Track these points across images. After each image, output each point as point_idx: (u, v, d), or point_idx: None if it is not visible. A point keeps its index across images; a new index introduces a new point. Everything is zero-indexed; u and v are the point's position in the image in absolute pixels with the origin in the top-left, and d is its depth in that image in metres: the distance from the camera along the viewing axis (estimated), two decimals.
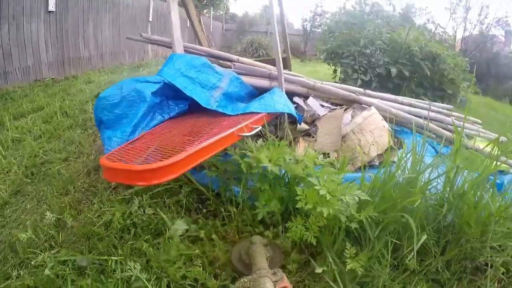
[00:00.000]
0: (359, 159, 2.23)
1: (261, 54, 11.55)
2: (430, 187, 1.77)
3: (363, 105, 2.64)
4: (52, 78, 5.29)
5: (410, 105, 3.12)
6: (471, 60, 7.47)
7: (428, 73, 5.31)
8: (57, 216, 1.79)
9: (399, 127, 3.13)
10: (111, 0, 6.90)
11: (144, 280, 1.34)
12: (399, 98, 3.19)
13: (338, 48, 5.89)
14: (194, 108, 2.21)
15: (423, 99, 4.78)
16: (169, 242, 1.56)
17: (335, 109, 2.62)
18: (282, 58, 3.20)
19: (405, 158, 1.82)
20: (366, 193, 1.68)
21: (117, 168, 1.41)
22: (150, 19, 8.42)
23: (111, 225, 1.70)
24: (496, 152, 2.13)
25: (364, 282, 1.50)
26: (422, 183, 1.72)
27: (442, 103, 5.47)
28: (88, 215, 1.83)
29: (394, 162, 2.17)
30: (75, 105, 3.86)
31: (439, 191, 1.78)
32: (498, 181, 2.64)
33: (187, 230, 1.64)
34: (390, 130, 2.50)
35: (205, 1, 12.68)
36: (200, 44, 3.16)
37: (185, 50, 2.70)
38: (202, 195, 1.91)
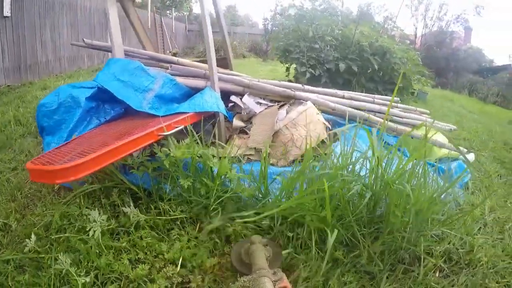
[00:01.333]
0: (292, 153, 2.29)
1: (222, 54, 11.56)
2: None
3: (301, 100, 2.71)
4: (8, 85, 5.21)
5: (351, 98, 3.19)
6: (422, 54, 7.70)
7: (377, 67, 5.43)
8: (3, 221, 1.86)
9: (345, 121, 3.24)
10: (68, 3, 6.81)
11: (73, 273, 1.40)
12: (340, 92, 3.25)
13: (290, 45, 5.94)
14: (131, 111, 2.27)
15: (373, 93, 4.93)
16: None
17: (272, 105, 2.69)
18: (222, 58, 3.27)
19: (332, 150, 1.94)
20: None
21: (38, 170, 1.53)
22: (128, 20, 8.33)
23: (51, 226, 1.76)
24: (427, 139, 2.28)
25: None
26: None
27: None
28: (31, 218, 1.88)
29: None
30: (29, 113, 3.84)
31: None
32: (444, 168, 2.74)
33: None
34: (326, 123, 2.57)
35: (168, 2, 12.65)
36: (144, 46, 3.20)
37: (126, 54, 2.75)
38: (136, 194, 1.96)
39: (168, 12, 13.78)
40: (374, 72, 5.65)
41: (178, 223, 1.77)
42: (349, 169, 1.89)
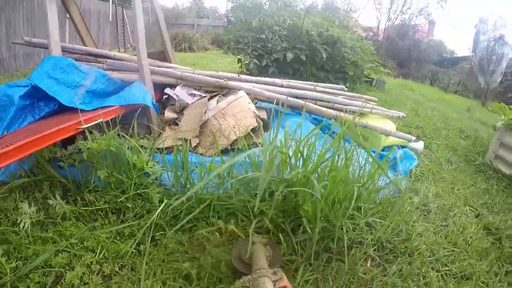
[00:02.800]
0: (220, 143, 2.32)
1: (184, 47, 11.66)
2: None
3: (234, 90, 2.78)
4: None
5: (290, 87, 3.22)
6: (375, 46, 7.83)
7: (325, 56, 5.42)
8: None
9: (289, 110, 3.25)
10: None
11: (3, 263, 1.48)
12: (278, 80, 3.27)
13: (239, 37, 5.91)
14: (66, 107, 2.31)
15: (324, 82, 4.87)
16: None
17: (205, 96, 2.75)
18: (160, 51, 3.33)
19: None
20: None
21: None
22: (68, 16, 8.17)
23: None
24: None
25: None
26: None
27: (344, 84, 5.52)
28: None
29: (257, 144, 2.34)
30: None
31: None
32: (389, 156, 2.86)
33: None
34: (256, 112, 2.59)
35: None
36: (84, 42, 3.24)
37: (65, 51, 2.78)
38: (66, 187, 2.03)
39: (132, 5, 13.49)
40: (325, 61, 5.66)
41: (102, 213, 1.86)
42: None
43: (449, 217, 2.36)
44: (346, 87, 5.61)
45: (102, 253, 1.62)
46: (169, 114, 2.64)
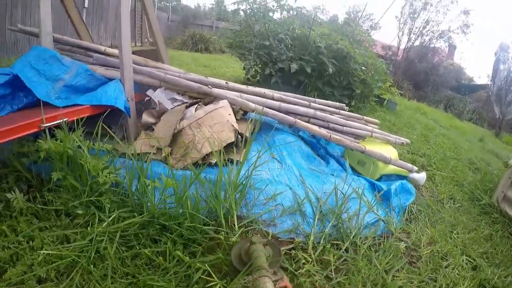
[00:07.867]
0: (191, 155, 2.23)
1: (200, 47, 11.66)
2: None
3: (218, 98, 2.65)
4: None
5: (281, 100, 3.03)
6: (390, 63, 7.66)
7: (331, 71, 5.10)
8: None
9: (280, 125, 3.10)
10: None
11: None
12: (269, 92, 3.06)
13: (243, 42, 5.68)
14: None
15: (329, 98, 4.68)
16: None
17: (187, 102, 2.62)
18: (150, 50, 3.25)
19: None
20: None
21: None
22: (86, 5, 8.23)
23: None
24: None
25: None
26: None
27: (350, 102, 5.44)
28: None
29: (237, 161, 2.22)
30: None
31: None
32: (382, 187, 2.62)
33: None
34: (235, 125, 2.43)
35: None
36: (79, 36, 3.19)
37: (57, 42, 2.76)
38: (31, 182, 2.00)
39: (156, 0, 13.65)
40: (331, 76, 5.35)
41: (56, 214, 1.81)
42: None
43: (441, 268, 2.05)
44: (351, 106, 5.49)
45: (44, 255, 1.56)
46: (146, 118, 2.54)
